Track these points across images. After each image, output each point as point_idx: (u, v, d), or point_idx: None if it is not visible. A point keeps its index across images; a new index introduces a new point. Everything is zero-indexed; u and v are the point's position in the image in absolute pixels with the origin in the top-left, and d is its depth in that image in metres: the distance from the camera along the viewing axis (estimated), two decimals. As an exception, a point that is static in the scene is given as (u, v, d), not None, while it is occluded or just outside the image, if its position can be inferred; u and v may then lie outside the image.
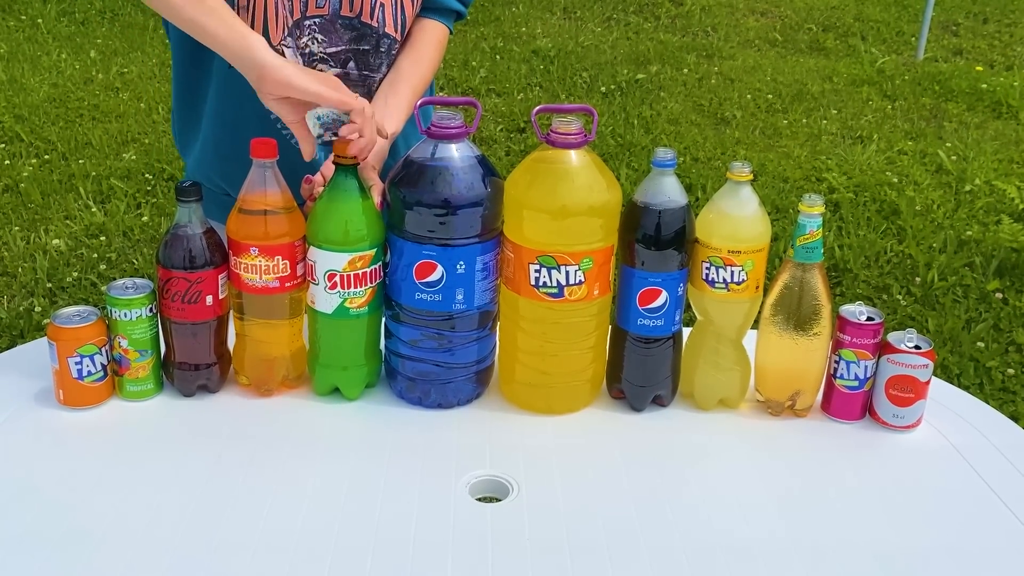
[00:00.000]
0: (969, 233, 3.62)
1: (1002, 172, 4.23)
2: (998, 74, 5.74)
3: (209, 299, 1.22)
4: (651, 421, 1.26)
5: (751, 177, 1.19)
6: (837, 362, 1.24)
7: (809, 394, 1.26)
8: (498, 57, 5.73)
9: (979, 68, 5.83)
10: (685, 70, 5.65)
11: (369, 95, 1.40)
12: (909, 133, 4.78)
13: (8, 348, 1.40)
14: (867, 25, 6.73)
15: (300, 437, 1.19)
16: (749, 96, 5.24)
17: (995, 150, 4.52)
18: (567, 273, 1.17)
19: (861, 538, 1.05)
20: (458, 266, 1.18)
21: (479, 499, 1.10)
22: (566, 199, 1.15)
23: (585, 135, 1.16)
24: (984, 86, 5.40)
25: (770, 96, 5.25)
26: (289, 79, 1.17)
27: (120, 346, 1.22)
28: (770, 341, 1.24)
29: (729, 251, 1.19)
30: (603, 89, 5.28)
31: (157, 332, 1.24)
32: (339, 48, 1.35)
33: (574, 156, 1.16)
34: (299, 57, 1.34)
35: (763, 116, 4.96)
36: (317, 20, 1.32)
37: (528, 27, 6.40)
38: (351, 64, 1.38)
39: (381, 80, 1.42)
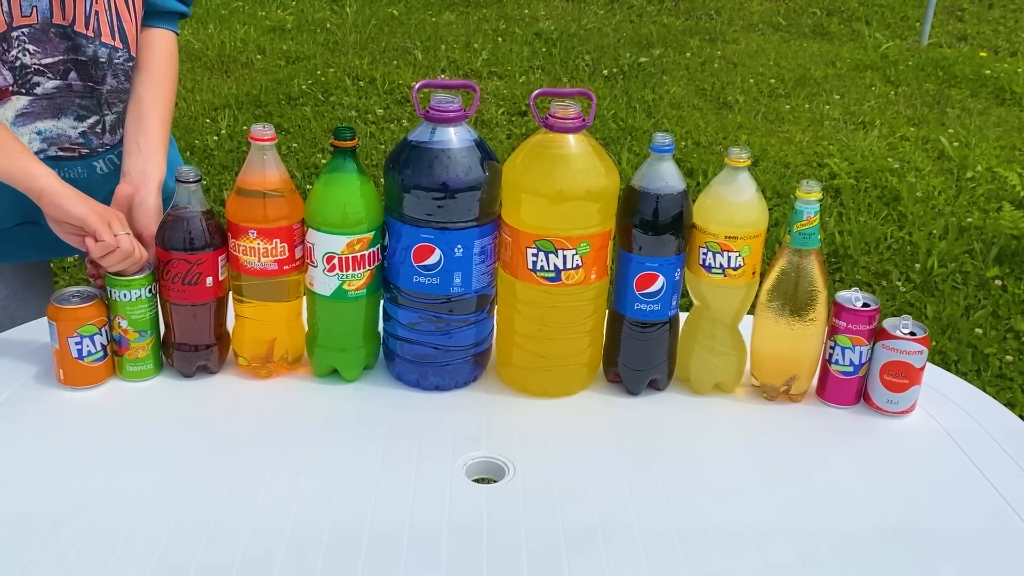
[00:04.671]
0: (970, 220, 3.62)
1: (1004, 159, 4.22)
2: (1002, 60, 5.72)
3: (209, 280, 1.22)
4: (647, 405, 1.26)
5: (749, 163, 1.19)
6: (832, 348, 1.25)
7: (804, 379, 1.27)
8: (500, 39, 5.70)
9: (983, 54, 5.80)
10: (688, 54, 5.63)
11: (99, 106, 1.36)
12: (912, 119, 4.77)
13: (10, 328, 1.41)
14: (871, 10, 6.69)
15: (298, 418, 1.20)
16: (752, 80, 5.22)
17: (997, 137, 4.50)
18: (564, 257, 1.17)
19: (853, 522, 1.06)
20: (456, 249, 1.19)
21: (475, 480, 1.11)
22: (563, 183, 1.16)
23: (583, 120, 1.17)
24: (988, 72, 5.38)
25: (773, 81, 5.23)
26: (61, 204, 1.21)
27: (120, 326, 1.22)
28: (766, 326, 1.25)
29: (726, 236, 1.19)
30: (605, 72, 5.26)
31: (156, 313, 1.25)
32: (56, 58, 1.30)
33: (572, 141, 1.16)
34: (9, 73, 1.28)
35: (766, 101, 4.95)
36: (26, 30, 1.27)
37: (531, 9, 6.37)
38: (72, 75, 1.32)
39: (109, 92, 1.36)
